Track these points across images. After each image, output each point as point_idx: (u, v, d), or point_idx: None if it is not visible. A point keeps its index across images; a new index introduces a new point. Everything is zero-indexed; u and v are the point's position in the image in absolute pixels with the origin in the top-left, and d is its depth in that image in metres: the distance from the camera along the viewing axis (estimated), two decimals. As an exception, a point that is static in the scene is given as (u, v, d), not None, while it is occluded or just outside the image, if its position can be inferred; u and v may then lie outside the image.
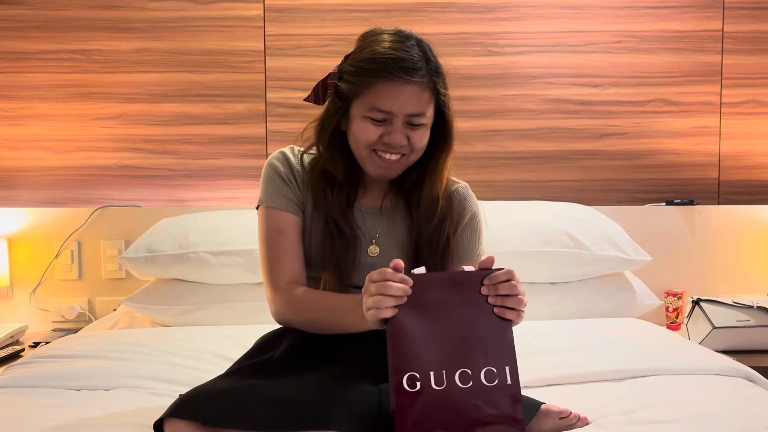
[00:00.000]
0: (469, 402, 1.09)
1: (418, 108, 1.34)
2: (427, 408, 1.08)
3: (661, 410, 1.39)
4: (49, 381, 1.59)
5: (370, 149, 1.37)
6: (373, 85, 1.32)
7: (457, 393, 1.09)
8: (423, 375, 1.09)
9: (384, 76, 1.31)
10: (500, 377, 1.11)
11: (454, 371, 1.10)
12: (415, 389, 1.08)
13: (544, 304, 2.19)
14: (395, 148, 1.35)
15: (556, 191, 2.68)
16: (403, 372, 1.09)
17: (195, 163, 2.67)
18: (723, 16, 2.67)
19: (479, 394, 1.09)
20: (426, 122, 1.37)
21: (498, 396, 1.10)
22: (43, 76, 2.63)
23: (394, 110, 1.33)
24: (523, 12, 2.67)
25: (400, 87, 1.32)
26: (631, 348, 1.79)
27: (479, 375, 1.10)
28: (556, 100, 2.69)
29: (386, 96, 1.32)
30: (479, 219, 1.51)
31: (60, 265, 2.59)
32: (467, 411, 1.09)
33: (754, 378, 1.63)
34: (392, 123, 1.34)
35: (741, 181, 2.71)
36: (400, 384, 1.08)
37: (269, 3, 2.64)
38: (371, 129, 1.35)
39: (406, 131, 1.35)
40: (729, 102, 2.69)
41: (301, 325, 1.38)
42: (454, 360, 1.10)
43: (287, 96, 2.63)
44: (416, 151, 1.39)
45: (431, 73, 1.35)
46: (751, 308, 2.21)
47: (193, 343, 1.84)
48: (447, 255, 1.44)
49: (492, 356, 1.11)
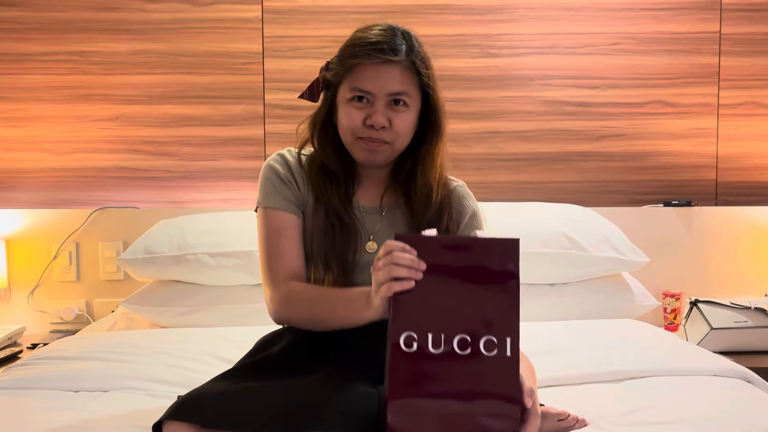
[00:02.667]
0: (465, 369, 1.07)
1: (399, 87, 1.35)
2: (422, 369, 1.06)
3: (659, 411, 1.39)
4: (47, 382, 1.59)
5: (356, 136, 1.38)
6: (354, 67, 1.35)
7: (454, 358, 1.07)
8: (421, 336, 1.07)
9: (363, 57, 1.34)
10: (500, 348, 1.08)
11: (453, 336, 1.07)
12: (412, 349, 1.07)
13: (542, 305, 2.19)
14: (377, 130, 1.35)
15: (554, 193, 2.69)
16: (401, 331, 1.07)
17: (193, 165, 2.67)
18: (720, 18, 2.68)
19: (477, 363, 1.07)
20: (409, 103, 1.37)
21: (496, 367, 1.07)
22: (41, 77, 2.63)
23: (374, 90, 1.34)
24: (521, 14, 2.67)
25: (378, 67, 1.34)
26: (629, 349, 1.79)
27: (479, 343, 1.07)
28: (554, 101, 2.69)
29: (366, 77, 1.34)
30: (480, 218, 1.51)
31: (58, 266, 2.58)
32: (463, 377, 1.07)
33: (752, 379, 1.63)
34: (374, 104, 1.35)
35: (738, 183, 2.72)
36: (397, 342, 1.07)
37: (267, 4, 2.64)
38: (354, 113, 1.36)
39: (388, 113, 1.36)
40: (726, 104, 2.70)
41: (301, 321, 1.37)
42: (455, 325, 1.08)
43: (285, 97, 2.63)
44: (400, 136, 1.38)
45: (411, 55, 1.36)
46: (748, 309, 2.22)
47: (191, 344, 1.84)
48: None
49: (494, 326, 1.08)
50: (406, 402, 1.06)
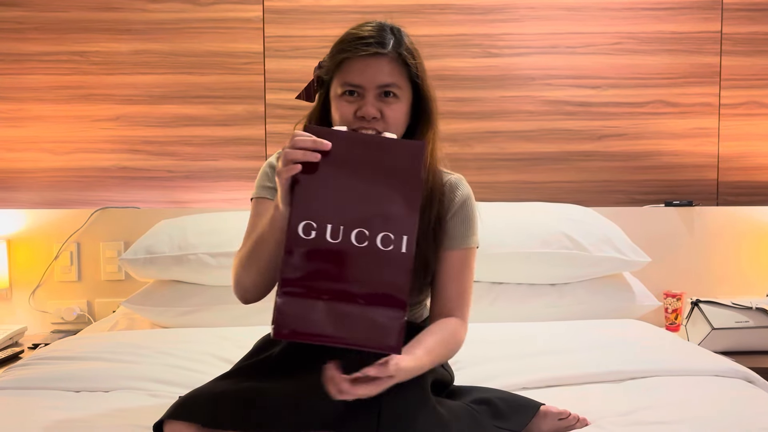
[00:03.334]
0: (360, 261, 1.08)
1: (387, 78, 1.36)
2: (317, 257, 1.07)
3: (660, 411, 1.39)
4: (49, 382, 1.59)
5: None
6: (343, 62, 1.36)
7: (350, 250, 1.08)
8: (320, 225, 1.09)
9: (351, 52, 1.35)
10: (396, 244, 1.10)
11: (352, 228, 1.09)
12: (310, 237, 1.08)
13: (543, 305, 2.19)
14: (368, 121, 1.36)
15: (555, 192, 2.69)
16: (301, 218, 1.08)
17: (194, 165, 2.67)
18: (721, 17, 2.67)
19: (372, 256, 1.08)
20: (399, 95, 1.38)
21: (390, 262, 1.09)
22: (42, 77, 2.63)
23: (363, 83, 1.35)
24: (522, 14, 2.67)
25: (366, 60, 1.35)
26: (630, 349, 1.79)
27: (375, 237, 1.09)
28: (555, 101, 2.69)
29: (355, 70, 1.35)
30: (471, 206, 1.48)
31: (59, 266, 2.59)
32: (357, 269, 1.08)
33: (754, 379, 1.63)
34: (364, 97, 1.36)
35: (740, 183, 2.72)
36: (296, 230, 1.08)
37: (268, 4, 2.64)
38: (345, 106, 1.37)
39: (379, 105, 1.36)
40: (728, 103, 2.70)
41: (251, 277, 1.35)
42: (355, 218, 1.10)
43: (286, 97, 2.63)
44: (392, 126, 1.38)
45: (399, 47, 1.37)
46: (750, 309, 2.22)
47: (192, 344, 1.85)
48: (438, 239, 1.43)
49: (393, 223, 1.10)
50: (298, 285, 1.06)
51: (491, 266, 2.17)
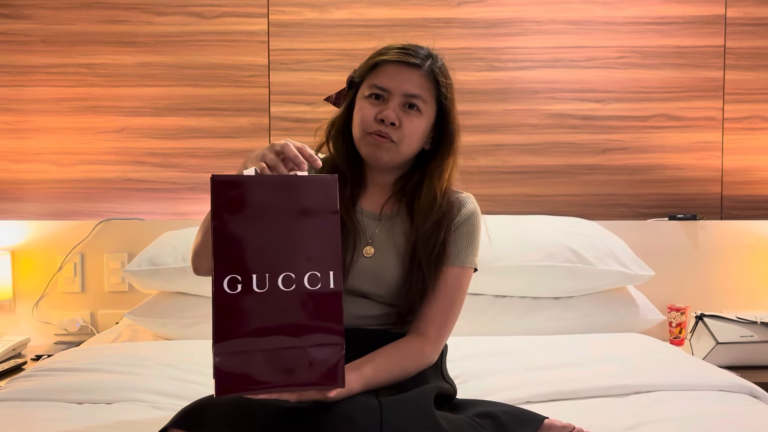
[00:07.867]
0: (290, 304, 1.07)
1: (415, 89, 1.40)
2: (246, 309, 1.06)
3: (664, 426, 1.38)
4: (52, 394, 1.59)
5: (365, 131, 1.41)
6: (377, 66, 1.42)
7: (279, 296, 1.07)
8: (245, 277, 1.07)
9: (387, 58, 1.41)
10: (323, 282, 1.09)
11: (277, 274, 1.08)
12: (236, 291, 1.06)
13: (547, 318, 2.18)
14: (386, 126, 1.38)
15: (559, 206, 2.69)
16: (224, 274, 1.06)
17: (199, 177, 2.68)
18: (725, 32, 2.68)
19: (302, 297, 1.08)
20: (423, 110, 1.41)
21: (320, 300, 1.08)
22: (48, 89, 2.65)
23: (391, 87, 1.39)
24: (526, 27, 2.68)
25: (399, 67, 1.40)
26: (634, 363, 1.79)
27: (302, 279, 1.08)
28: (559, 114, 2.69)
29: (386, 74, 1.40)
30: (474, 224, 1.49)
31: (63, 277, 2.59)
32: (288, 313, 1.07)
33: (759, 394, 1.62)
34: (388, 102, 1.39)
35: (743, 196, 2.71)
36: (221, 287, 1.06)
37: (273, 18, 2.65)
38: (368, 108, 1.40)
39: (400, 113, 1.39)
40: (731, 117, 2.70)
41: (201, 261, 1.38)
42: (278, 264, 1.08)
43: (291, 110, 2.64)
44: (407, 137, 1.40)
45: (433, 64, 1.42)
46: (754, 324, 2.21)
47: (195, 356, 1.84)
48: (441, 259, 1.43)
49: (316, 261, 1.09)
50: (232, 342, 1.05)
51: (495, 279, 2.16)
